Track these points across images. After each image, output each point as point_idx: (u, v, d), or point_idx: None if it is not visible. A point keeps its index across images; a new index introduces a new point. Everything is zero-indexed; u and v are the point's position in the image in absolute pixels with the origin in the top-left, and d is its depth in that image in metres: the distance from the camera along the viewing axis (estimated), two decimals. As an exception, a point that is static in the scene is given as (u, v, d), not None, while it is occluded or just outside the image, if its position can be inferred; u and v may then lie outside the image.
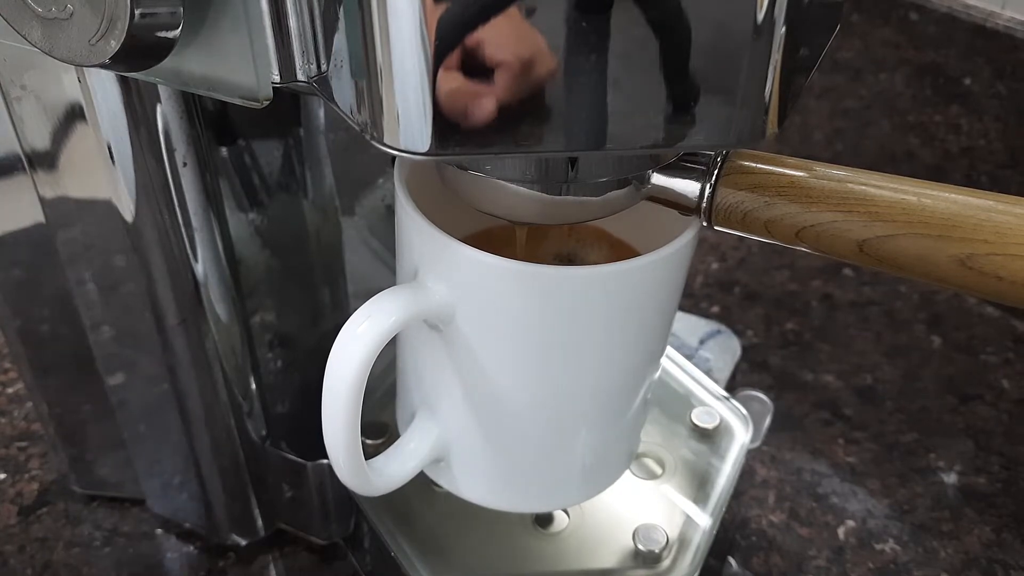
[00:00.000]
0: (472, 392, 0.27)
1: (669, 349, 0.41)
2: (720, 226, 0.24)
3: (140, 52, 0.20)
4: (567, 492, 0.31)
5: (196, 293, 0.30)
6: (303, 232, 0.35)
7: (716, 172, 0.23)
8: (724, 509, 0.35)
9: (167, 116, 0.26)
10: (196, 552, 0.38)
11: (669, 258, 0.25)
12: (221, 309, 0.31)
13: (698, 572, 0.32)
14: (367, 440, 0.35)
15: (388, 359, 0.31)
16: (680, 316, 0.49)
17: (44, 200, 0.29)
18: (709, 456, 0.37)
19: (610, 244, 0.32)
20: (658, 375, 0.31)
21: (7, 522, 0.39)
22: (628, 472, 0.33)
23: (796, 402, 0.46)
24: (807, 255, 0.26)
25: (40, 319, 0.34)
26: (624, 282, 0.25)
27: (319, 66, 0.21)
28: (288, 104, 0.31)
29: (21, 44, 0.21)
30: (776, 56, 0.18)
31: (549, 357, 0.26)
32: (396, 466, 0.29)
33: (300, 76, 0.21)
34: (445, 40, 0.17)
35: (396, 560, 0.33)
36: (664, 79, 0.18)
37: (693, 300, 0.53)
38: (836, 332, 0.51)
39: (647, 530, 0.33)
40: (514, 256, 0.24)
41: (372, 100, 0.19)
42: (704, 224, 0.24)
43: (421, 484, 0.31)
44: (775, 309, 0.52)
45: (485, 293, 0.25)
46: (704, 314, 0.51)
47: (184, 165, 0.27)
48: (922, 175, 0.26)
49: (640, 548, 0.33)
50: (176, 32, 0.20)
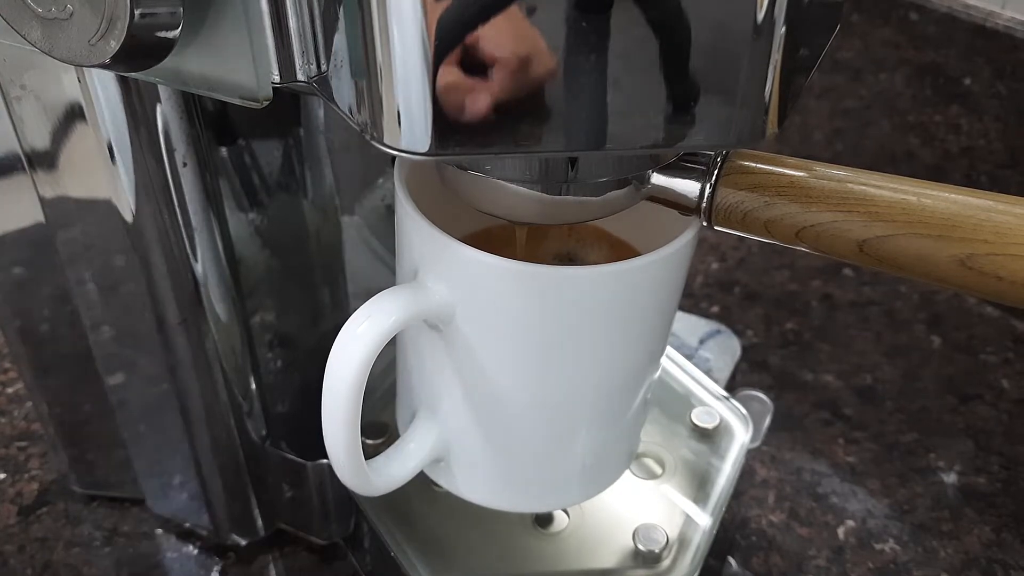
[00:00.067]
0: (472, 392, 0.27)
1: (669, 349, 0.41)
2: (720, 226, 0.24)
3: (140, 52, 0.20)
4: (567, 492, 0.31)
5: (196, 293, 0.30)
6: (303, 232, 0.35)
7: (716, 172, 0.23)
8: (724, 509, 0.35)
9: (167, 116, 0.26)
10: (196, 552, 0.38)
11: (669, 258, 0.25)
12: (221, 309, 0.31)
13: (698, 572, 0.32)
14: (367, 440, 0.35)
15: (388, 359, 0.31)
16: (680, 316, 0.49)
17: (44, 200, 0.29)
18: (709, 456, 0.37)
19: (610, 244, 0.32)
20: (658, 375, 0.31)
21: (7, 522, 0.39)
22: (628, 472, 0.33)
23: (796, 402, 0.46)
24: (807, 255, 0.26)
25: (40, 319, 0.34)
26: (624, 282, 0.25)
27: (319, 66, 0.21)
28: (288, 104, 0.31)
29: (21, 44, 0.21)
30: (776, 56, 0.18)
31: (549, 357, 0.26)
32: (396, 466, 0.29)
33: (300, 76, 0.21)
34: (445, 40, 0.17)
35: (396, 560, 0.33)
36: (664, 79, 0.18)
37: (693, 300, 0.53)
38: (836, 332, 0.51)
39: (647, 530, 0.33)
40: (514, 256, 0.24)
41: (372, 100, 0.19)
42: (704, 224, 0.24)
43: (421, 484, 0.31)
44: (775, 309, 0.52)
45: (485, 293, 0.25)
46: (704, 314, 0.51)
47: (184, 165, 0.27)
48: (922, 175, 0.26)
49: (640, 548, 0.33)
50: (176, 32, 0.20)
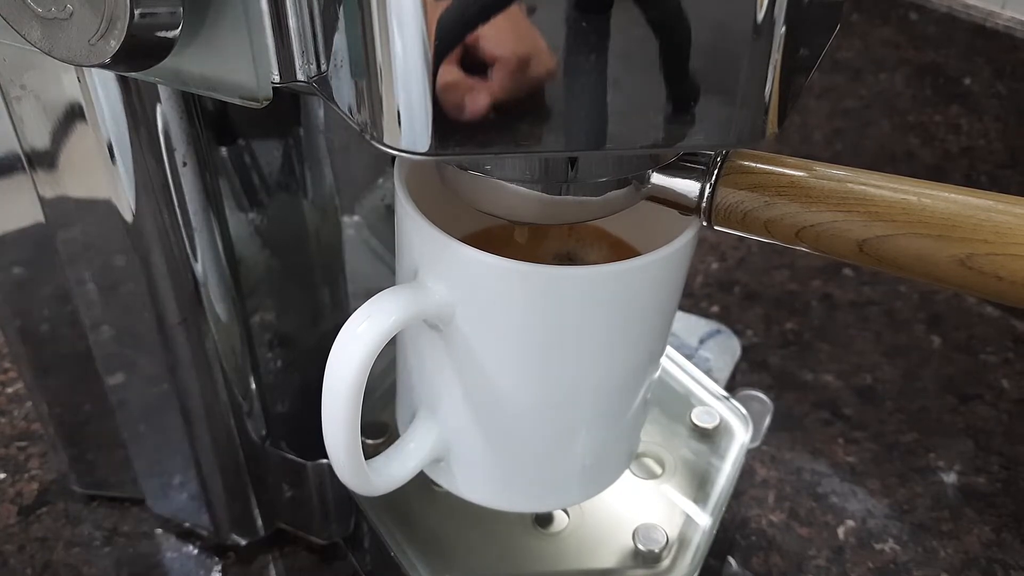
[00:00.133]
0: (472, 392, 0.27)
1: (669, 349, 0.41)
2: (720, 226, 0.24)
3: (140, 52, 0.20)
4: (567, 492, 0.31)
5: (196, 293, 0.30)
6: (303, 232, 0.35)
7: (716, 172, 0.23)
8: (724, 509, 0.35)
9: (167, 116, 0.26)
10: (196, 552, 0.38)
11: (669, 258, 0.25)
12: (221, 309, 0.31)
13: (698, 572, 0.32)
14: (367, 440, 0.35)
15: (388, 359, 0.31)
16: (680, 316, 0.49)
17: (44, 200, 0.29)
18: (709, 456, 0.37)
19: (610, 244, 0.32)
20: (658, 375, 0.31)
21: (7, 522, 0.39)
22: (628, 472, 0.33)
23: (796, 402, 0.46)
24: (807, 255, 0.26)
25: (40, 319, 0.34)
26: (624, 282, 0.25)
27: (319, 66, 0.21)
28: (288, 104, 0.31)
29: (21, 44, 0.21)
30: (776, 56, 0.18)
31: (549, 357, 0.26)
32: (396, 466, 0.29)
33: (300, 76, 0.21)
34: (445, 39, 0.17)
35: (396, 560, 0.33)
36: (664, 79, 0.18)
37: (693, 300, 0.53)
38: (836, 332, 0.51)
39: (647, 530, 0.33)
40: (514, 256, 0.24)
41: (372, 100, 0.19)
42: (704, 224, 0.24)
43: (421, 484, 0.31)
44: (775, 309, 0.52)
45: (485, 293, 0.25)
46: (704, 314, 0.51)
47: (184, 165, 0.27)
48: (922, 175, 0.26)
49: (640, 548, 0.33)
50: (176, 32, 0.20)
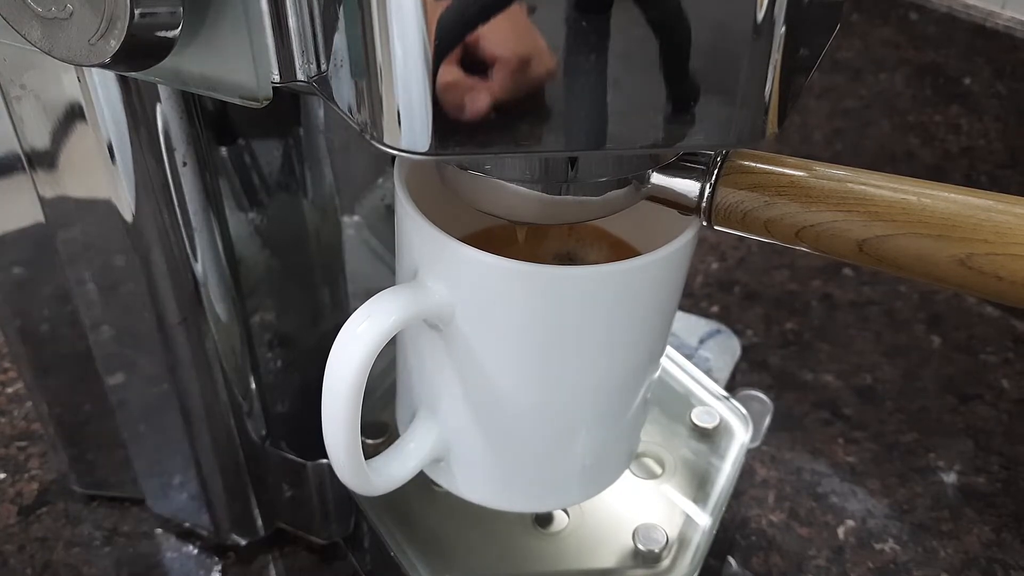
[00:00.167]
0: (472, 392, 0.27)
1: (669, 349, 0.41)
2: (720, 226, 0.24)
3: (140, 52, 0.20)
4: (567, 492, 0.31)
5: (196, 293, 0.30)
6: (303, 232, 0.35)
7: (716, 172, 0.23)
8: (724, 509, 0.35)
9: (167, 116, 0.26)
10: (196, 552, 0.38)
11: (669, 258, 0.25)
12: (221, 309, 0.31)
13: (698, 572, 0.32)
14: (367, 440, 0.35)
15: (388, 359, 0.31)
16: (680, 316, 0.49)
17: (44, 200, 0.29)
18: (709, 456, 0.37)
19: (610, 244, 0.32)
20: (658, 375, 0.31)
21: (7, 522, 0.39)
22: (628, 472, 0.33)
23: (796, 402, 0.46)
24: (807, 255, 0.26)
25: (40, 319, 0.34)
26: (624, 282, 0.25)
27: (319, 66, 0.21)
28: (288, 104, 0.31)
29: (21, 44, 0.21)
30: (776, 56, 0.18)
31: (549, 357, 0.26)
32: (396, 466, 0.29)
33: (300, 76, 0.21)
34: (445, 39, 0.17)
35: (396, 560, 0.33)
36: (664, 79, 0.18)
37: (693, 300, 0.53)
38: (836, 332, 0.51)
39: (647, 530, 0.33)
40: (514, 256, 0.24)
41: (372, 100, 0.19)
42: (704, 224, 0.24)
43: (421, 484, 0.31)
44: (775, 309, 0.52)
45: (485, 293, 0.25)
46: (704, 314, 0.51)
47: (184, 165, 0.27)
48: (922, 175, 0.25)
49: (640, 548, 0.33)
50: (176, 32, 0.20)
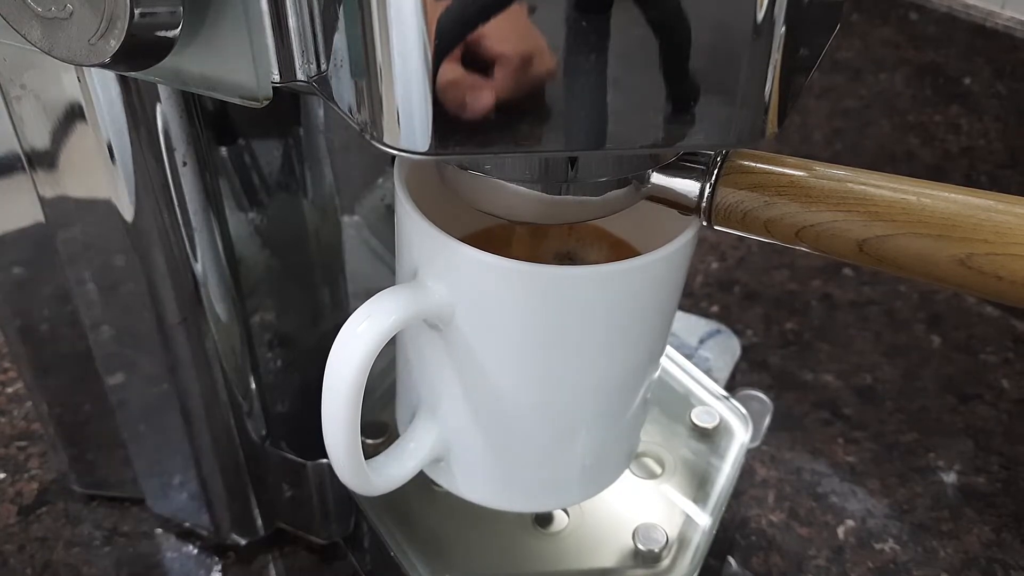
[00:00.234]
0: (472, 392, 0.27)
1: (669, 349, 0.41)
2: (720, 226, 0.24)
3: (140, 51, 0.20)
4: (567, 492, 0.31)
5: (196, 293, 0.30)
6: (303, 232, 0.35)
7: (716, 172, 0.23)
8: (724, 509, 0.35)
9: (167, 116, 0.26)
10: (196, 552, 0.38)
11: (669, 258, 0.25)
12: (221, 309, 0.31)
13: (698, 572, 0.32)
14: (367, 440, 0.35)
15: (388, 359, 0.31)
16: (680, 316, 0.49)
17: (44, 200, 0.29)
18: (709, 456, 0.37)
19: (610, 244, 0.32)
20: (658, 375, 0.31)
21: (7, 522, 0.39)
22: (628, 472, 0.33)
23: (796, 402, 0.46)
24: (807, 255, 0.26)
25: (40, 319, 0.34)
26: (624, 282, 0.25)
27: (319, 65, 0.21)
28: (288, 104, 0.31)
29: (21, 44, 0.21)
30: (776, 56, 0.18)
31: (549, 357, 0.26)
32: (396, 466, 0.29)
33: (300, 76, 0.21)
34: (445, 39, 0.17)
35: (396, 560, 0.33)
36: (664, 79, 0.18)
37: (693, 300, 0.53)
38: (836, 332, 0.51)
39: (647, 530, 0.33)
40: (514, 256, 0.24)
41: (372, 100, 0.19)
42: (704, 224, 0.24)
43: (421, 484, 0.31)
44: (775, 309, 0.52)
45: (485, 293, 0.25)
46: (704, 314, 0.51)
47: (184, 165, 0.27)
48: (922, 175, 0.26)
49: (640, 548, 0.33)
50: (176, 31, 0.20)
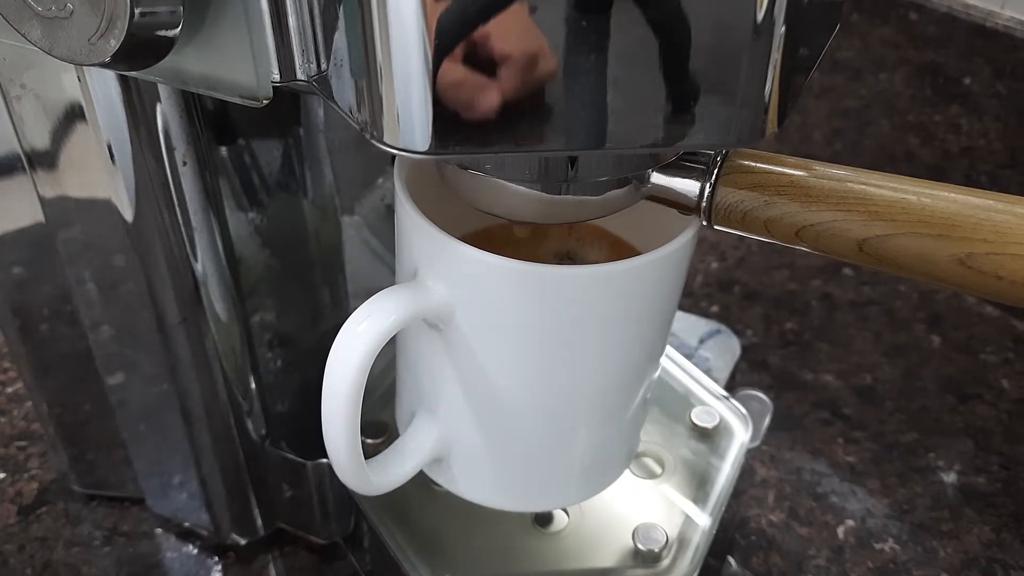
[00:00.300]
0: (472, 391, 0.27)
1: (669, 349, 0.41)
2: (720, 225, 0.24)
3: (140, 51, 0.20)
4: (567, 491, 0.31)
5: (196, 293, 0.30)
6: (303, 232, 0.35)
7: (716, 171, 0.23)
8: (724, 509, 0.35)
9: (167, 115, 0.26)
10: (196, 552, 0.38)
11: (669, 257, 0.25)
12: (221, 309, 0.31)
13: (698, 572, 0.32)
14: (367, 440, 0.35)
15: (388, 359, 0.31)
16: (680, 316, 0.49)
17: (44, 200, 0.29)
18: (709, 455, 0.37)
19: (610, 243, 0.32)
20: (658, 375, 0.31)
21: (7, 522, 0.39)
22: (628, 471, 0.33)
23: (796, 402, 0.46)
24: (807, 255, 0.26)
25: (40, 319, 0.34)
26: (624, 281, 0.25)
27: (319, 65, 0.21)
28: (288, 104, 0.31)
29: (21, 43, 0.21)
30: (776, 56, 0.18)
31: (549, 356, 0.26)
32: (396, 466, 0.29)
33: (300, 75, 0.21)
34: (445, 39, 0.17)
35: (396, 560, 0.33)
36: (664, 78, 0.18)
37: (693, 300, 0.53)
38: (836, 332, 0.51)
39: (647, 529, 0.33)
40: (514, 255, 0.24)
41: (372, 99, 0.19)
42: (704, 223, 0.24)
43: (421, 484, 0.31)
44: (775, 309, 0.52)
45: (485, 292, 0.25)
46: (704, 314, 0.51)
47: (184, 164, 0.27)
48: (922, 175, 0.26)
49: (640, 547, 0.33)
50: (176, 31, 0.20)
